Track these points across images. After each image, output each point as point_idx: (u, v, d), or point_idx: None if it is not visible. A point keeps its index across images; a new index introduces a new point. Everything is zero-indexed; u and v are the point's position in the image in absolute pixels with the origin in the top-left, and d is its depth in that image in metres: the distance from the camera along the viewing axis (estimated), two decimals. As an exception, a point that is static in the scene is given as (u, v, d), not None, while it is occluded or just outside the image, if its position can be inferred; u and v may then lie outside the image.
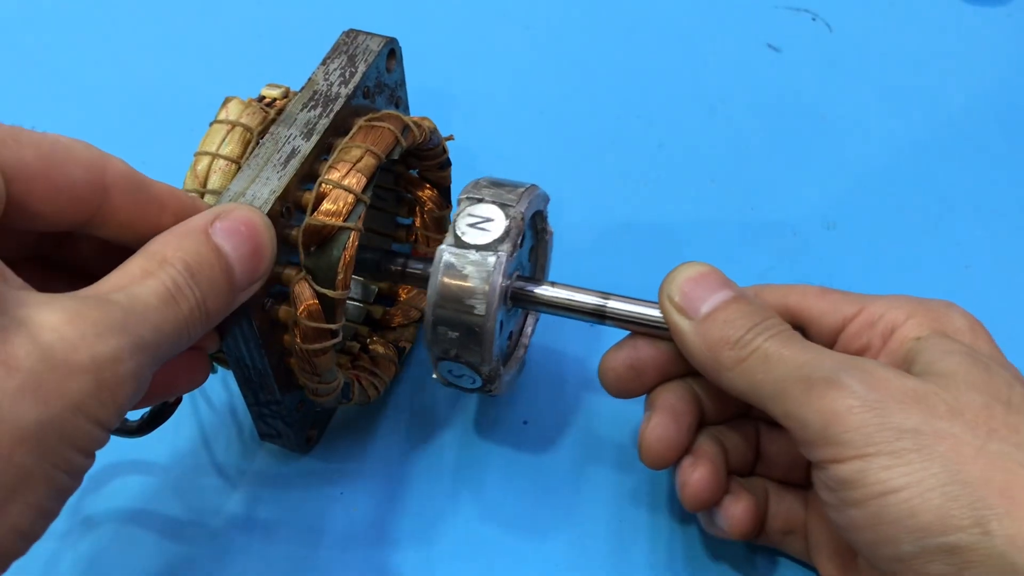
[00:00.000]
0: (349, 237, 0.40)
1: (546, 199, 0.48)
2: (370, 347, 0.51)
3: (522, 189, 0.45)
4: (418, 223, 0.53)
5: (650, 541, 0.48)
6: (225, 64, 0.70)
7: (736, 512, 0.43)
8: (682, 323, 0.41)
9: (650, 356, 0.44)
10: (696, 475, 0.42)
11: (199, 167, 0.43)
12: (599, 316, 0.45)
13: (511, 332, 0.50)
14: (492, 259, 0.42)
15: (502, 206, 0.44)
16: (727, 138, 0.67)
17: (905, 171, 0.64)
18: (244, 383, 0.44)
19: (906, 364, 0.39)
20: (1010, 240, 0.61)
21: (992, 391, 0.36)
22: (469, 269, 0.42)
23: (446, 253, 0.43)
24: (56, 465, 0.29)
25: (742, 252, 0.60)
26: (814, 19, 0.74)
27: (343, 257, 0.40)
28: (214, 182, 0.42)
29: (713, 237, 0.61)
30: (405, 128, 0.44)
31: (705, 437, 0.44)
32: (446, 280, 0.43)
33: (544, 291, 0.46)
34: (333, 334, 0.41)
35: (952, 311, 0.42)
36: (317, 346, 0.41)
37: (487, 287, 0.42)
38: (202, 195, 0.42)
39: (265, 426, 0.47)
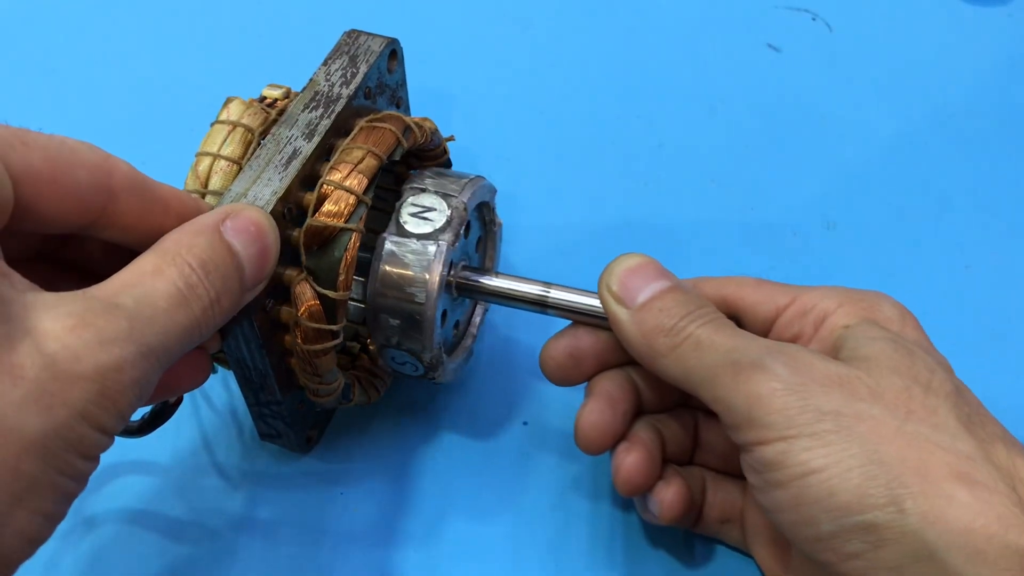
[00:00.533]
0: (350, 238, 0.40)
1: (492, 190, 0.48)
2: (371, 347, 0.51)
3: (465, 180, 0.46)
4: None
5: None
6: (226, 64, 0.70)
7: (667, 497, 0.43)
8: (619, 312, 0.41)
9: (589, 345, 0.45)
10: (629, 460, 0.43)
11: (200, 167, 0.43)
12: (542, 305, 0.45)
13: (457, 321, 0.50)
14: (432, 248, 0.43)
15: (444, 196, 0.44)
16: (727, 138, 0.67)
17: (905, 171, 0.64)
18: (245, 383, 0.44)
19: (834, 351, 0.40)
20: (1010, 240, 0.61)
21: (913, 375, 0.37)
22: (410, 258, 0.43)
23: (387, 242, 0.43)
24: (61, 471, 0.29)
25: (742, 252, 0.60)
26: (814, 19, 0.74)
27: (344, 258, 0.40)
28: (215, 183, 0.42)
29: (713, 237, 0.61)
30: (406, 129, 0.44)
31: (642, 424, 0.45)
32: (387, 268, 0.43)
33: (487, 281, 0.46)
34: (334, 335, 0.41)
35: (882, 300, 0.43)
36: (318, 347, 0.41)
37: (427, 276, 0.43)
38: (203, 196, 0.42)
39: (265, 426, 0.47)
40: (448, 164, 0.50)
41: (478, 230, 0.49)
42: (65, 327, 0.29)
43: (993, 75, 0.70)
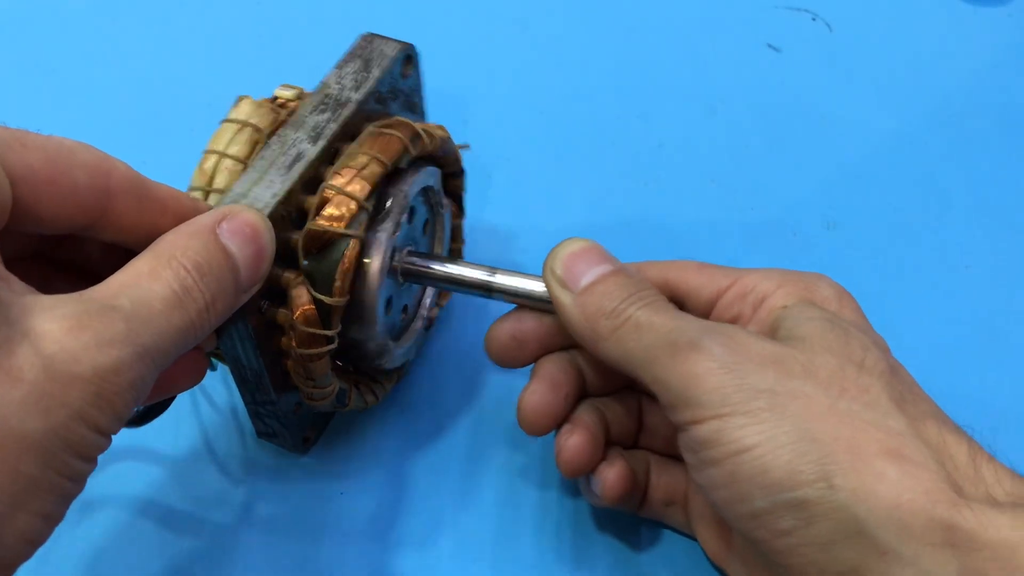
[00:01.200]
0: (349, 244, 0.40)
1: (435, 174, 0.48)
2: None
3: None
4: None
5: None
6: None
7: (608, 476, 0.44)
8: (563, 295, 0.42)
9: (532, 328, 0.45)
10: (571, 441, 0.44)
11: (206, 165, 0.43)
12: (487, 290, 0.46)
13: (406, 306, 0.50)
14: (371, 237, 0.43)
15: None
16: (727, 138, 0.67)
17: (905, 171, 0.65)
18: (241, 382, 0.44)
19: (772, 331, 0.41)
20: (1011, 240, 0.61)
21: (847, 354, 0.38)
22: None
23: None
24: (60, 472, 0.29)
25: (743, 252, 0.60)
26: (814, 19, 0.74)
27: (342, 263, 0.40)
28: (220, 181, 0.42)
29: (713, 237, 0.61)
30: (415, 136, 0.43)
31: (585, 407, 0.45)
32: None
33: (433, 266, 0.46)
34: (328, 340, 0.41)
35: (821, 281, 0.43)
36: (312, 351, 0.41)
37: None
38: (207, 193, 0.42)
39: (262, 425, 0.47)
40: (460, 172, 0.50)
41: (425, 213, 0.49)
42: (63, 329, 0.29)
43: (993, 74, 0.70)
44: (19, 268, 0.31)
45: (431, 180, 0.47)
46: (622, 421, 0.46)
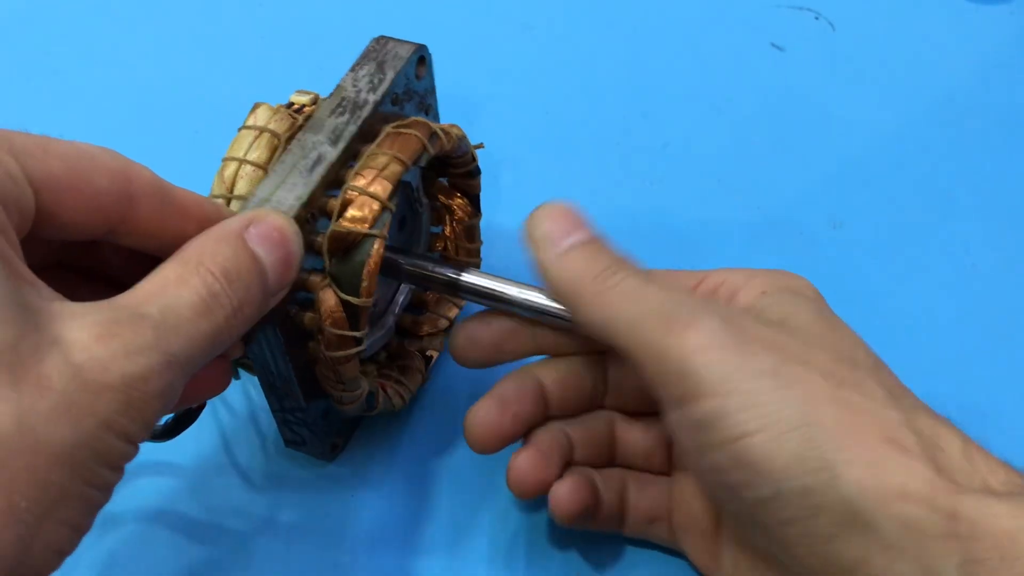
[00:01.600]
0: (374, 244, 0.40)
1: (415, 172, 0.48)
2: (397, 355, 0.51)
3: None
4: (448, 231, 0.53)
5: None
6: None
7: (557, 493, 0.43)
8: (545, 254, 0.41)
9: (490, 329, 0.45)
10: (517, 460, 0.43)
11: (226, 172, 0.42)
12: (453, 288, 0.46)
13: (377, 299, 0.49)
14: None
15: None
16: (732, 137, 0.66)
17: (911, 170, 0.64)
18: (269, 389, 0.44)
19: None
20: (1016, 239, 0.61)
21: (838, 346, 0.38)
22: None
23: None
24: (88, 482, 0.29)
25: (748, 252, 0.60)
26: (817, 18, 0.74)
27: (368, 264, 0.40)
28: (241, 187, 0.42)
29: (719, 237, 0.61)
30: (433, 135, 0.43)
31: (544, 428, 0.45)
32: None
33: (402, 261, 0.46)
34: (357, 342, 0.41)
35: (792, 275, 0.43)
36: (341, 353, 0.41)
37: None
38: (228, 201, 0.42)
39: (290, 433, 0.47)
40: (476, 171, 0.50)
41: (402, 211, 0.49)
42: (92, 337, 0.29)
43: (997, 72, 0.70)
44: (44, 277, 0.31)
45: (411, 178, 0.47)
46: (592, 440, 0.45)
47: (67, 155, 0.32)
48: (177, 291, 0.32)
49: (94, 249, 0.39)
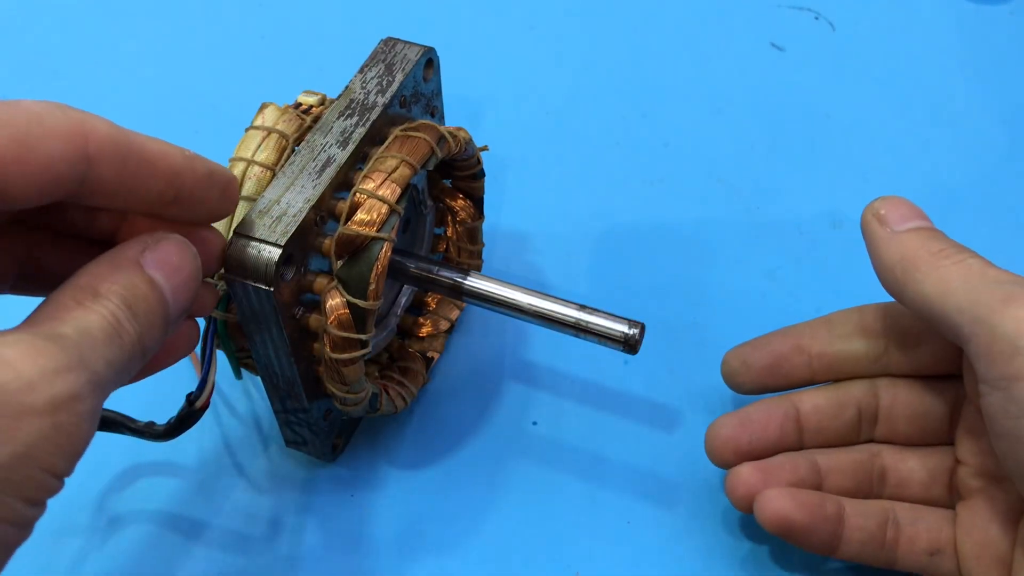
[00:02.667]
0: (382, 247, 0.40)
1: (421, 174, 0.48)
2: (398, 357, 0.51)
3: None
4: (450, 233, 0.53)
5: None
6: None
7: (761, 500, 0.43)
8: (881, 231, 0.42)
9: (765, 353, 0.46)
10: (743, 471, 0.44)
11: (234, 173, 0.42)
12: (458, 292, 0.46)
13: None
14: None
15: None
16: (732, 137, 0.67)
17: (910, 170, 0.65)
18: (272, 389, 0.44)
19: None
20: (1016, 239, 0.61)
21: None
22: None
23: None
24: (1, 518, 0.26)
25: (748, 252, 0.60)
26: (816, 18, 0.74)
27: (375, 267, 0.40)
28: (248, 188, 0.41)
29: (719, 237, 0.61)
30: (441, 138, 0.43)
31: (789, 453, 0.45)
32: None
33: (409, 264, 0.47)
34: (363, 344, 0.41)
35: None
36: (346, 356, 0.41)
37: None
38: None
39: (291, 433, 0.47)
40: (481, 173, 0.50)
41: (407, 212, 0.49)
42: (17, 353, 0.27)
43: (997, 73, 0.71)
44: (3, 240, 0.29)
45: (416, 180, 0.47)
46: (849, 470, 0.45)
47: (13, 125, 0.28)
48: (85, 315, 0.30)
49: (57, 208, 0.35)
